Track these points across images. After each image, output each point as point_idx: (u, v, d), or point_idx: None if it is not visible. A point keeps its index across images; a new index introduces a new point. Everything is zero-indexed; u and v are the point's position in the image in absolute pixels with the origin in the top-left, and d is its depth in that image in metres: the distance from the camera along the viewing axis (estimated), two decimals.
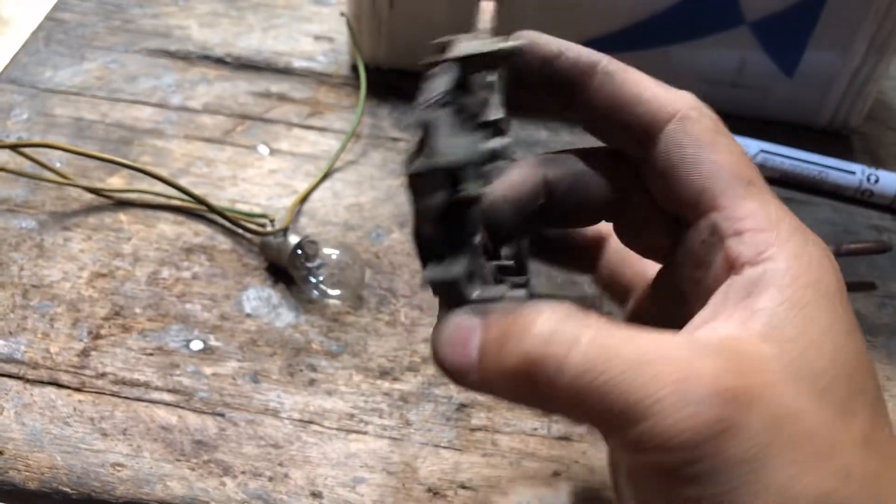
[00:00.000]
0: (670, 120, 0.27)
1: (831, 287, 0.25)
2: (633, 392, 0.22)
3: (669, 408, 0.22)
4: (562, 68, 0.29)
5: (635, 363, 0.22)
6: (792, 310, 0.24)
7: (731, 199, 0.26)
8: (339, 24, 0.68)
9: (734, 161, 0.27)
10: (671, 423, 0.22)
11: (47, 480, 0.40)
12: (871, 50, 0.58)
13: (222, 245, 0.51)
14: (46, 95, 0.60)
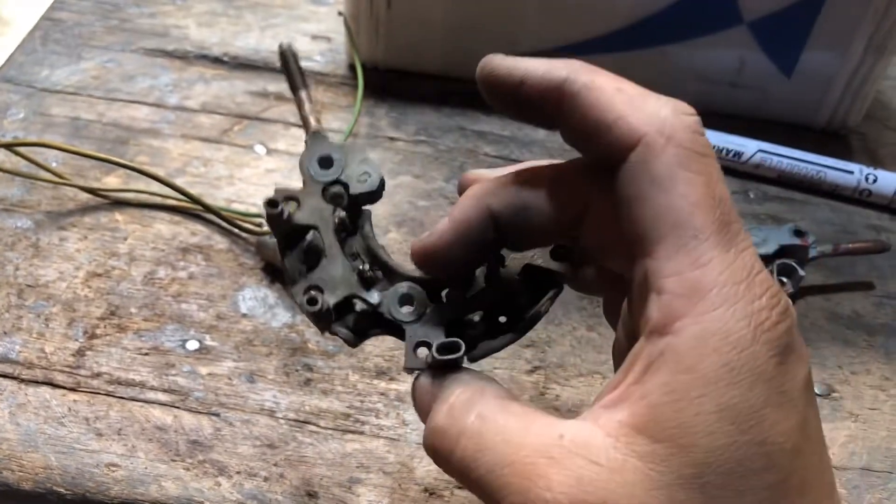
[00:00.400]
0: (635, 146, 0.25)
1: (742, 371, 0.22)
2: (494, 493, 0.24)
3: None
4: (528, 96, 0.27)
5: (499, 465, 0.24)
6: (677, 402, 0.23)
7: (664, 249, 0.24)
8: (337, 24, 0.67)
9: (686, 204, 0.24)
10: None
11: (41, 481, 0.40)
12: (869, 50, 0.58)
13: (218, 245, 0.51)
14: (43, 95, 0.60)
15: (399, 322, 0.30)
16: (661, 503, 0.22)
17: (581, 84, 0.26)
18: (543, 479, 0.23)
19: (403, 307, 0.30)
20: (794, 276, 0.48)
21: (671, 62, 0.61)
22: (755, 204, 0.58)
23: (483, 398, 0.27)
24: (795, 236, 0.49)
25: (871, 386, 0.47)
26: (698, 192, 0.24)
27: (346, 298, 0.30)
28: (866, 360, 0.49)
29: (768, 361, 0.23)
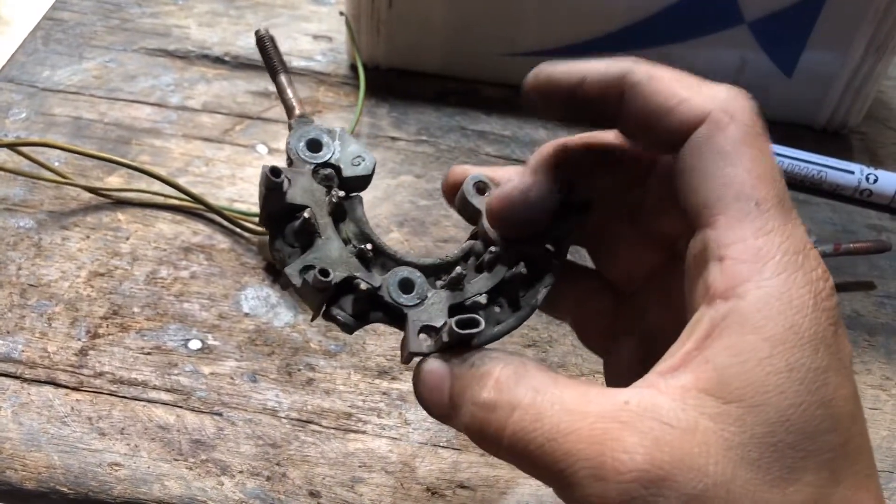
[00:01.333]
0: (699, 125, 0.26)
1: (806, 335, 0.23)
2: (556, 463, 0.24)
3: (585, 482, 0.23)
4: (588, 94, 0.28)
5: (562, 433, 0.24)
6: (745, 363, 0.23)
7: (727, 219, 0.25)
8: (338, 24, 0.68)
9: (749, 177, 0.25)
10: (589, 495, 0.23)
11: (45, 480, 0.40)
12: (869, 50, 0.58)
13: (221, 244, 0.51)
14: (45, 94, 0.60)
15: (400, 306, 0.29)
16: (735, 463, 0.22)
17: (642, 74, 0.27)
18: (617, 442, 0.23)
19: (404, 292, 0.30)
20: None
21: (672, 62, 0.61)
22: None
23: (528, 372, 0.26)
24: None
25: (871, 386, 0.47)
26: (761, 167, 0.25)
27: (346, 279, 0.29)
28: (867, 359, 0.49)
29: (827, 329, 0.23)
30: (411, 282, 0.30)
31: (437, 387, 0.27)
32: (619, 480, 0.22)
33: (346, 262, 0.30)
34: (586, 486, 0.23)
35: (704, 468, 0.22)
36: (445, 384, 0.27)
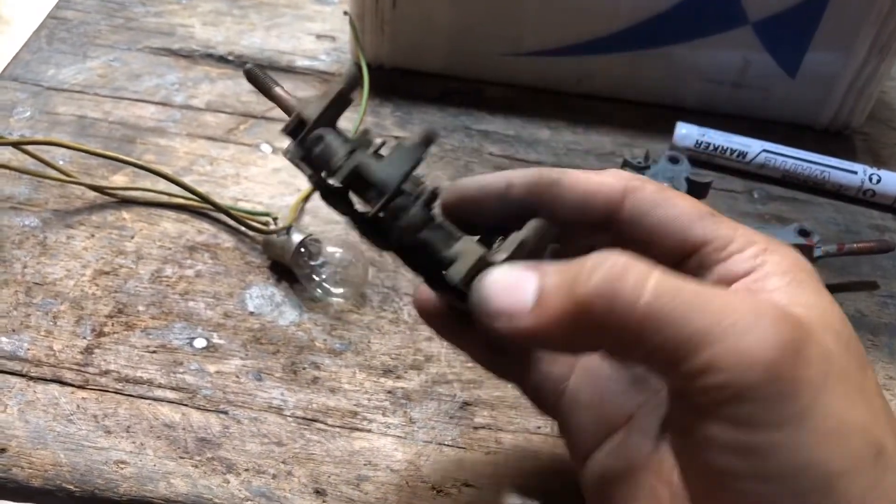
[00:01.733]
0: (622, 197, 0.30)
1: (812, 271, 0.28)
2: (709, 315, 0.24)
3: (746, 328, 0.23)
4: (515, 196, 0.32)
5: (707, 294, 0.24)
6: (799, 286, 0.27)
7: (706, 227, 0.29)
8: (342, 23, 0.68)
9: (694, 205, 0.30)
10: (749, 342, 0.23)
11: (51, 478, 0.40)
12: (873, 50, 0.58)
13: (225, 243, 0.51)
14: (49, 93, 0.60)
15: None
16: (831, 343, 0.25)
17: (557, 173, 0.32)
18: (762, 302, 0.25)
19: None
20: None
21: (675, 62, 0.61)
22: (759, 204, 0.58)
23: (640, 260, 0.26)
24: (801, 236, 0.49)
25: None
26: (693, 202, 0.31)
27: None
28: (871, 359, 0.49)
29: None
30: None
31: (514, 286, 0.27)
32: (781, 326, 0.24)
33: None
34: (743, 334, 0.23)
35: (825, 339, 0.25)
36: (528, 281, 0.27)
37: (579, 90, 0.64)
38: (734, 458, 0.24)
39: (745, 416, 0.23)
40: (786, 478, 0.23)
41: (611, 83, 0.63)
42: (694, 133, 0.59)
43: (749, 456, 0.24)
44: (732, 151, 0.59)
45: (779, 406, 0.23)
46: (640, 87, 0.63)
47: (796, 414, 0.23)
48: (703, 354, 0.23)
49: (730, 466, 0.24)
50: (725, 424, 0.24)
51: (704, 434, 0.25)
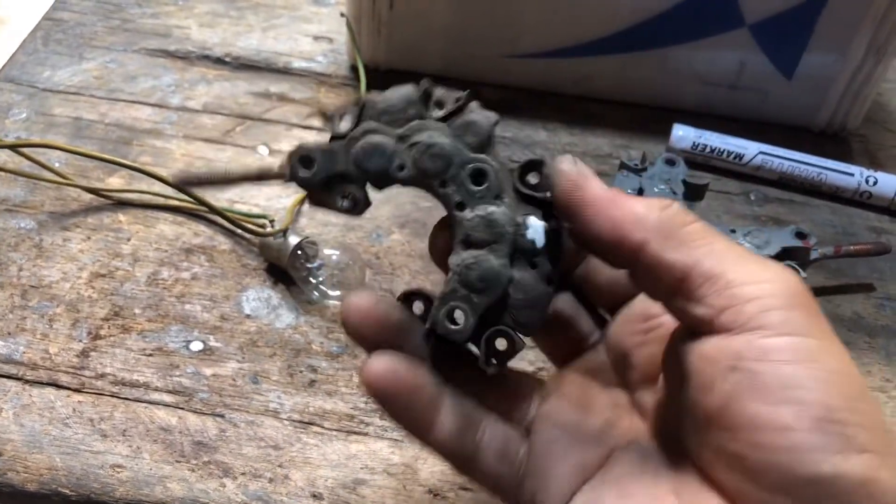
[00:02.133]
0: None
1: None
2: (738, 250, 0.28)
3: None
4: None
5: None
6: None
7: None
8: (339, 25, 0.68)
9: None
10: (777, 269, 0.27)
11: (46, 482, 0.40)
12: (869, 52, 0.58)
13: (222, 246, 0.51)
14: (45, 95, 0.60)
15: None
16: None
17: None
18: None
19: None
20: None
21: (672, 64, 0.61)
22: (756, 206, 0.58)
23: None
24: (797, 238, 0.49)
25: (872, 388, 0.47)
26: None
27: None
28: (867, 361, 0.49)
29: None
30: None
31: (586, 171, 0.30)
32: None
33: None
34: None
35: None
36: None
37: (576, 92, 0.64)
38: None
39: (793, 325, 0.26)
40: (833, 385, 0.25)
41: (608, 85, 0.63)
42: (691, 135, 0.59)
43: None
44: (729, 153, 0.59)
45: (816, 320, 0.27)
46: (637, 89, 0.63)
47: (829, 329, 0.27)
48: (746, 267, 0.27)
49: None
50: (757, 332, 0.26)
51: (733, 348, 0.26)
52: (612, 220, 0.29)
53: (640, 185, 0.52)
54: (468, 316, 0.30)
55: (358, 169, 0.31)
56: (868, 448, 0.25)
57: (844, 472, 0.24)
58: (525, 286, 0.30)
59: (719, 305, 0.27)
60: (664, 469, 0.29)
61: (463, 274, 0.30)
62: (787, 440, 0.25)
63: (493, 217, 0.30)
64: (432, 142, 0.30)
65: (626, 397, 0.33)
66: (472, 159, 0.31)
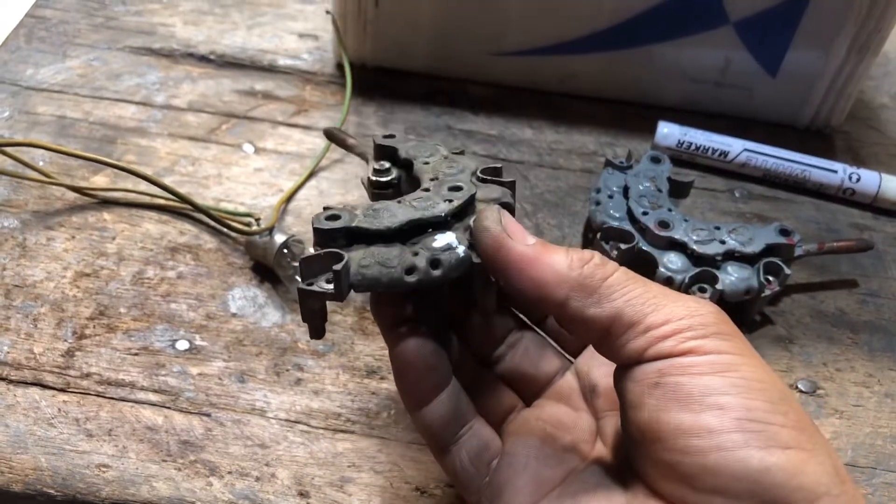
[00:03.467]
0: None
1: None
2: (656, 290, 0.30)
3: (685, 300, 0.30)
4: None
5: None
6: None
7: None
8: (325, 23, 0.67)
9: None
10: (692, 304, 0.29)
11: (31, 482, 0.39)
12: (852, 50, 0.58)
13: (207, 244, 0.51)
14: (28, 93, 0.59)
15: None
16: None
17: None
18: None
19: None
20: (780, 274, 0.48)
21: (657, 61, 0.61)
22: (741, 203, 0.58)
23: None
24: (781, 235, 0.49)
25: (855, 383, 0.48)
26: None
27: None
28: (851, 357, 0.49)
29: None
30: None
31: (519, 229, 0.32)
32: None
33: None
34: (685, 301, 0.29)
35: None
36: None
37: (562, 89, 0.64)
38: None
39: (709, 347, 0.28)
40: (752, 390, 0.27)
41: (593, 82, 0.63)
42: (676, 132, 0.59)
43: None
44: (714, 151, 0.59)
45: (732, 342, 0.29)
46: (622, 87, 0.64)
47: (746, 347, 0.29)
48: (662, 311, 0.29)
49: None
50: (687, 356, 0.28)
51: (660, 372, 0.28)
52: (533, 280, 0.30)
53: (626, 182, 0.52)
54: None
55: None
56: (792, 445, 0.26)
57: (772, 466, 0.26)
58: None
59: (642, 347, 0.29)
60: (618, 488, 0.31)
61: None
62: (713, 442, 0.26)
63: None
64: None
65: (592, 422, 0.36)
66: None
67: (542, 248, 0.31)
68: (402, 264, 0.32)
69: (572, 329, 0.31)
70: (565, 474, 0.33)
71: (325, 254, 0.32)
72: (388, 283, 0.31)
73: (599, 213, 0.51)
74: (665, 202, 0.51)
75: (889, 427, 0.46)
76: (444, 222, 0.33)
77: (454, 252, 0.32)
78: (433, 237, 0.33)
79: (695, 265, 0.48)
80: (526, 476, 0.33)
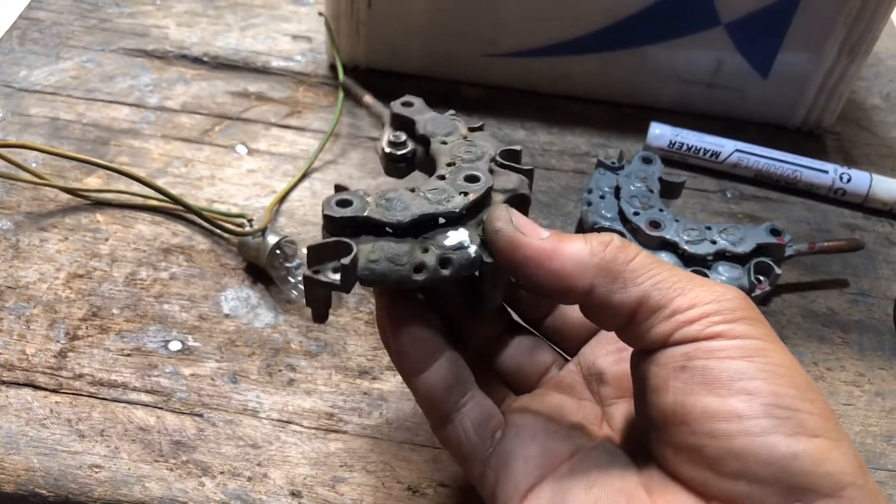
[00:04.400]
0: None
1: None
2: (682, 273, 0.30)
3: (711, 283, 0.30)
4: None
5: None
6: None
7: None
8: (318, 24, 0.68)
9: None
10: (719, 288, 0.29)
11: (24, 483, 0.40)
12: (843, 51, 0.59)
13: (200, 245, 0.51)
14: (21, 95, 0.59)
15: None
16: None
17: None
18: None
19: None
20: (771, 274, 0.49)
21: (650, 63, 0.61)
22: (732, 203, 0.58)
23: None
24: (772, 235, 0.50)
25: (845, 382, 0.48)
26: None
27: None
28: (841, 356, 0.49)
29: None
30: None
31: (531, 224, 0.32)
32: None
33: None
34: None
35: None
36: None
37: (555, 91, 0.64)
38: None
39: (737, 331, 0.28)
40: (780, 376, 0.27)
41: (586, 84, 0.64)
42: (667, 133, 0.60)
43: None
44: (706, 151, 0.59)
45: (760, 327, 0.28)
46: (615, 88, 0.64)
47: (773, 334, 0.28)
48: (689, 294, 0.28)
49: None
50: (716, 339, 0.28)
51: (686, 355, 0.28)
52: (555, 272, 0.30)
53: (617, 182, 0.52)
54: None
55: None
56: (819, 433, 0.26)
57: (801, 452, 0.26)
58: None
59: (668, 331, 0.28)
60: (631, 467, 0.31)
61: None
62: (741, 427, 0.26)
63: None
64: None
65: (598, 410, 0.35)
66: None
67: (558, 240, 0.30)
68: (412, 262, 0.31)
69: (597, 317, 0.30)
70: (572, 451, 0.33)
71: (333, 242, 0.31)
72: (396, 280, 0.31)
73: (591, 213, 0.51)
74: (656, 202, 0.51)
75: (879, 426, 0.46)
76: (457, 217, 0.32)
77: (465, 251, 0.31)
78: (445, 234, 0.32)
79: (686, 265, 0.49)
80: (534, 447, 0.33)
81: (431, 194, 0.33)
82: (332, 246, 0.31)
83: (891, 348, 0.50)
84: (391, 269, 0.31)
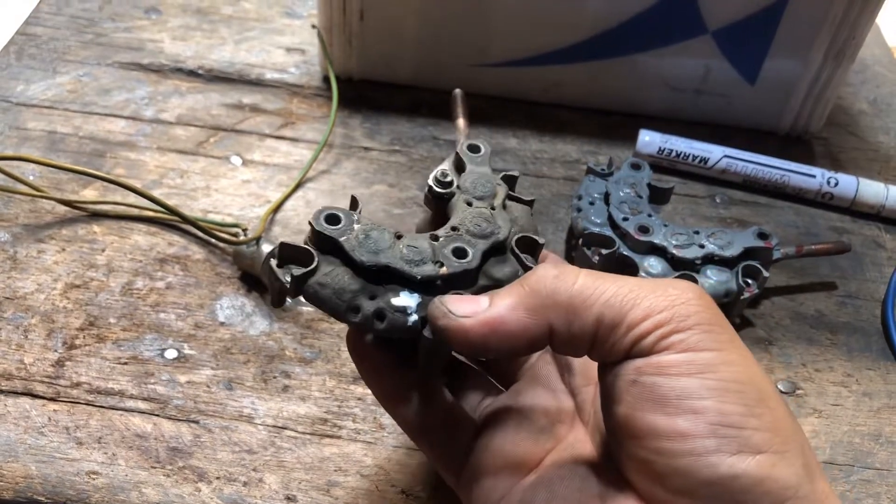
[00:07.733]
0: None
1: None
2: (633, 282, 0.30)
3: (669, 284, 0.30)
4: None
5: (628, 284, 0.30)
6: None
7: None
8: (311, 37, 0.68)
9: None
10: (676, 291, 0.29)
11: (22, 490, 0.40)
12: (828, 57, 0.59)
13: (196, 255, 0.52)
14: (19, 109, 0.60)
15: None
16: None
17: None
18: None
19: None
20: (759, 277, 0.49)
21: (638, 71, 0.62)
22: (721, 208, 0.59)
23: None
24: (759, 238, 0.50)
25: (833, 383, 0.49)
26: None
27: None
28: (829, 357, 0.50)
29: None
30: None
31: (469, 300, 0.31)
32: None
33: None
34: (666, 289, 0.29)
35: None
36: (481, 299, 0.31)
37: (545, 99, 0.65)
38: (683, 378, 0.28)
39: (690, 342, 0.28)
40: (728, 392, 0.27)
41: (576, 92, 0.64)
42: (657, 140, 0.60)
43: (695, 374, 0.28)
44: (694, 157, 0.60)
45: (714, 333, 0.29)
46: (604, 96, 0.65)
47: (728, 339, 0.29)
48: (641, 305, 0.28)
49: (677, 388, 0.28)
50: (670, 352, 0.28)
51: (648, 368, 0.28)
52: (505, 341, 0.30)
53: (607, 189, 0.53)
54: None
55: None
56: (764, 448, 0.27)
57: (741, 473, 0.26)
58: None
59: (627, 346, 0.29)
60: (593, 474, 0.32)
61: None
62: (686, 446, 0.27)
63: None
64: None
65: (570, 402, 0.36)
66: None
67: (498, 300, 0.30)
68: (352, 302, 0.32)
69: (566, 350, 0.31)
70: (542, 455, 0.34)
71: (303, 250, 0.33)
72: (331, 310, 0.32)
73: (581, 219, 0.52)
74: (645, 208, 0.52)
75: (867, 425, 0.46)
76: (417, 283, 0.32)
77: (403, 317, 0.32)
78: (398, 292, 0.32)
79: (674, 269, 0.49)
80: (502, 459, 0.34)
81: (409, 250, 0.33)
82: (299, 252, 0.33)
83: (878, 349, 0.51)
84: (331, 299, 0.32)
